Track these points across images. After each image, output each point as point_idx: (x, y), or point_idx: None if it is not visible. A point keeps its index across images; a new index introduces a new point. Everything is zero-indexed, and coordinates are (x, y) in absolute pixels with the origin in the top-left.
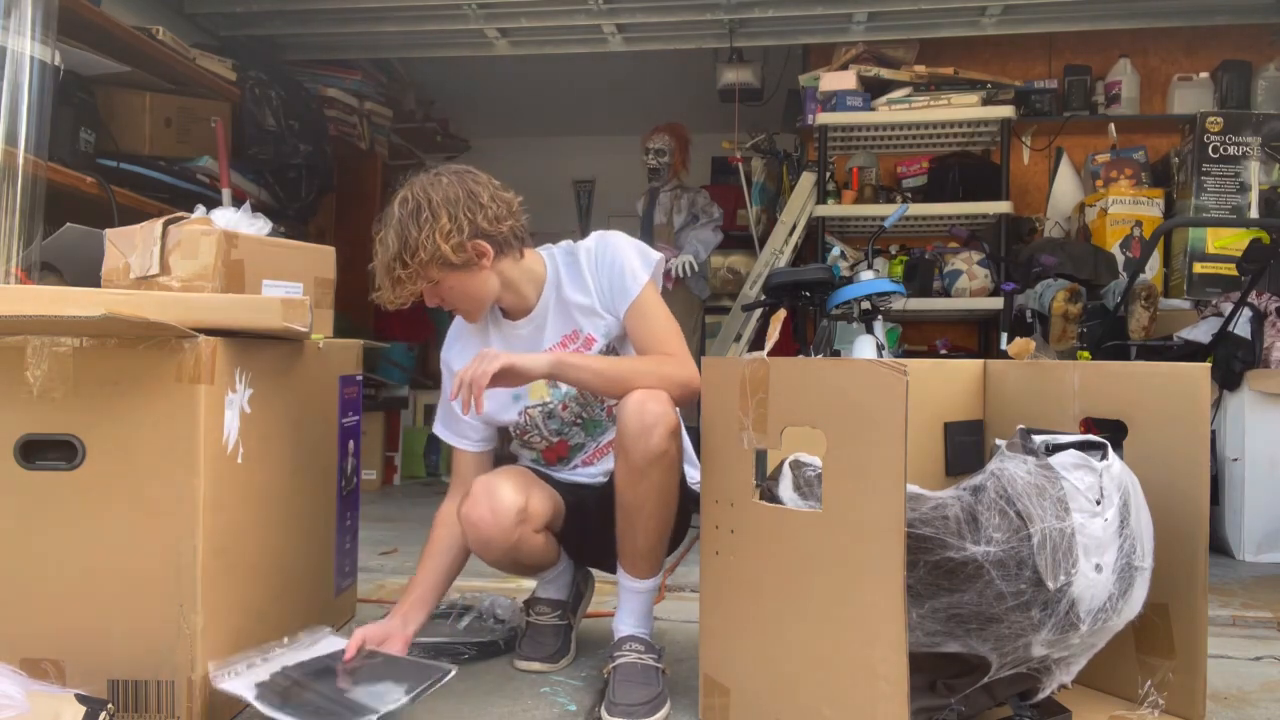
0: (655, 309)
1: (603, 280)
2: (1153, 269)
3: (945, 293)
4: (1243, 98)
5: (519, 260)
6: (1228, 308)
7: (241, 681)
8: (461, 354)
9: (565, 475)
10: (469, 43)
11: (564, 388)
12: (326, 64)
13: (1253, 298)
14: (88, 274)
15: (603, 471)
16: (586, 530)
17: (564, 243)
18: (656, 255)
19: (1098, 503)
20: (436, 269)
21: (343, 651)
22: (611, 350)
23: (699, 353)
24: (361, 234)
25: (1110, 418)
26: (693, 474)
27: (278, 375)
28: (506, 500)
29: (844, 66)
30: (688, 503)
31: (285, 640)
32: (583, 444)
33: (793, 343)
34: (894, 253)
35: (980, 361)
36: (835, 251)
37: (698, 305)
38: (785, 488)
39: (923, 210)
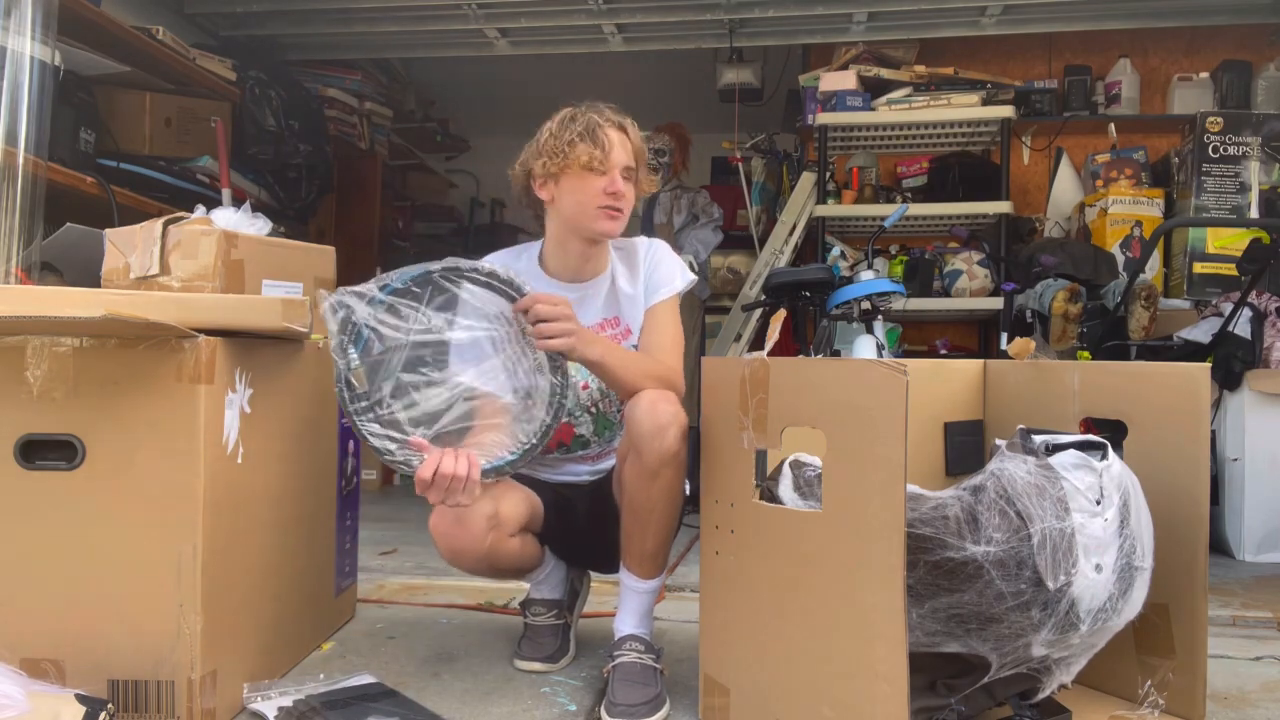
0: (671, 320)
1: (649, 273)
2: (1153, 269)
3: (945, 293)
4: (1243, 98)
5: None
6: (1228, 308)
7: (268, 705)
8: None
9: (553, 474)
10: (469, 43)
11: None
12: (326, 64)
13: (1253, 298)
14: (88, 274)
15: (592, 471)
16: (574, 531)
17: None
18: (693, 277)
19: (1098, 503)
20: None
21: (364, 685)
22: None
23: (699, 353)
24: (362, 234)
25: (1110, 418)
26: None
27: (278, 375)
28: (474, 509)
29: (844, 66)
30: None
31: (321, 677)
32: (587, 440)
33: (793, 343)
34: (894, 253)
35: (980, 361)
36: (835, 251)
37: (698, 305)
38: (785, 488)
39: (923, 210)
